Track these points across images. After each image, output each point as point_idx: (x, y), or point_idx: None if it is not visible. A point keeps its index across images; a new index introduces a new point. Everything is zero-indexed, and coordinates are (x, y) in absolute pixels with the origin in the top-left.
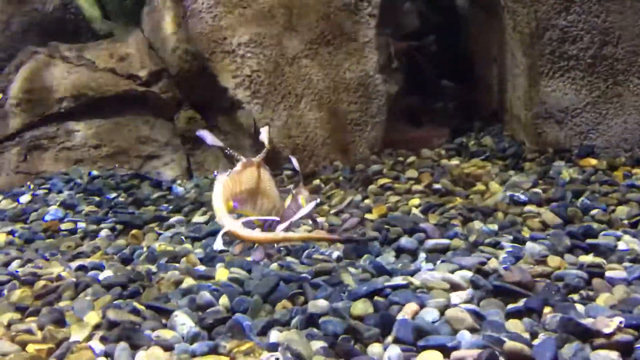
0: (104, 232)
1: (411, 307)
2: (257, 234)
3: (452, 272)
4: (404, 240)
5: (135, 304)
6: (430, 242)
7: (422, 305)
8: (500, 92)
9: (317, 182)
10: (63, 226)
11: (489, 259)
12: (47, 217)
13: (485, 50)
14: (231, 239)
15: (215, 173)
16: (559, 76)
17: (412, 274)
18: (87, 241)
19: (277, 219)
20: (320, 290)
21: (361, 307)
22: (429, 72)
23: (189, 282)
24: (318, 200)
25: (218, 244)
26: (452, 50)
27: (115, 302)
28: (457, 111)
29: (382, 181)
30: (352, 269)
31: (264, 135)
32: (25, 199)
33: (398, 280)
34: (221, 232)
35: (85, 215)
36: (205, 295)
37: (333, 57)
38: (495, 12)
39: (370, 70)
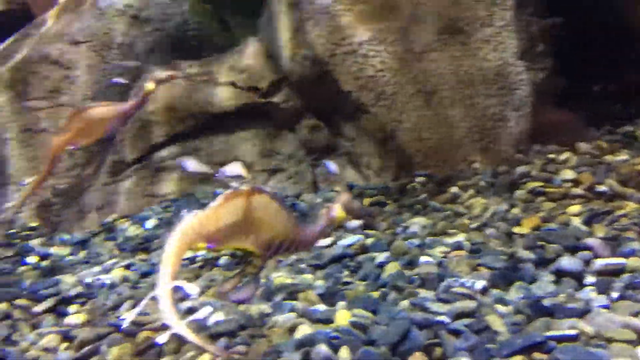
0: (223, 260)
1: None
2: (171, 318)
3: (637, 314)
4: (565, 261)
5: None
6: (598, 263)
7: None
8: None
9: (454, 189)
10: None
11: None
12: None
13: None
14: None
15: (183, 213)
16: None
17: (582, 314)
18: (205, 271)
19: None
20: (461, 340)
21: None
22: None
23: (304, 329)
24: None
25: (127, 321)
26: (605, 22)
27: None
28: (618, 94)
29: (531, 185)
30: (500, 307)
31: (237, 169)
32: (151, 223)
33: (564, 328)
34: (147, 297)
35: None
36: (322, 350)
37: (466, 47)
38: None
39: (510, 57)
